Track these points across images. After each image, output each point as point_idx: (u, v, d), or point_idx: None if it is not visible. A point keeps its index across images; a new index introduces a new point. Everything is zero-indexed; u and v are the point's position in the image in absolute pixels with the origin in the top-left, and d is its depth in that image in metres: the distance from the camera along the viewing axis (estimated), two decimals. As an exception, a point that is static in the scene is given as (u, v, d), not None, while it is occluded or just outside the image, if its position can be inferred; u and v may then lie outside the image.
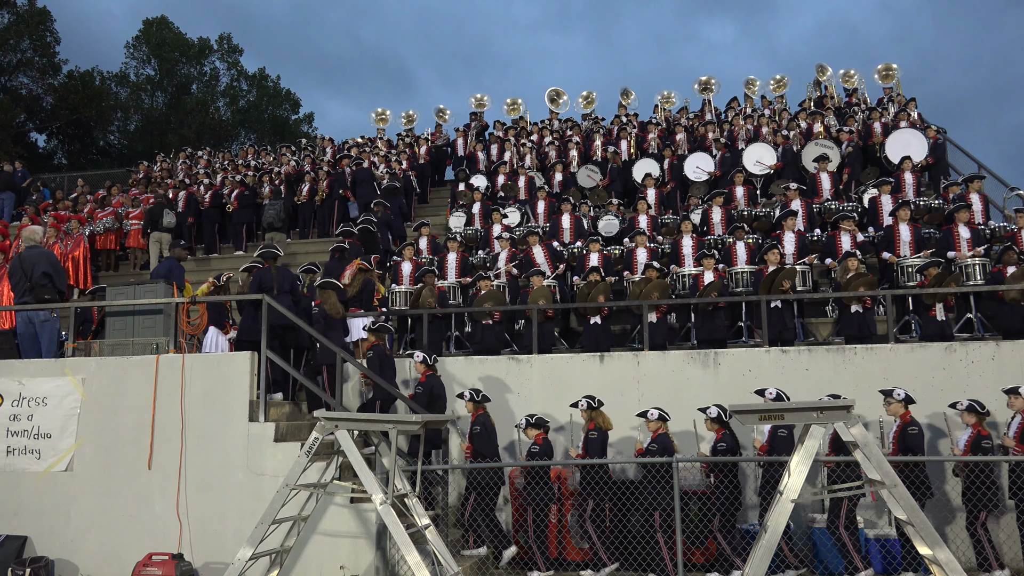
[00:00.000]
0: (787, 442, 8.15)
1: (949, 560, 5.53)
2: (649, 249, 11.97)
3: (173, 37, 36.85)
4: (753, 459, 8.64)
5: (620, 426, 9.07)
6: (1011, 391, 8.10)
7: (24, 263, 9.61)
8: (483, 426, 8.76)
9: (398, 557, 7.50)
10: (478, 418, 8.83)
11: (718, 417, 8.37)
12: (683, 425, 8.88)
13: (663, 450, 8.12)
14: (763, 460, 8.50)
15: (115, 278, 15.76)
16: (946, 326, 9.99)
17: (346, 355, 8.99)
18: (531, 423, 8.65)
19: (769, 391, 8.46)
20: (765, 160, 14.79)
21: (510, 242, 12.71)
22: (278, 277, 9.76)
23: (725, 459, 8.21)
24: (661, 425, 8.36)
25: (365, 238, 13.51)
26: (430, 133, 19.92)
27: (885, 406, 8.27)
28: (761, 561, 5.63)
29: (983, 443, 7.79)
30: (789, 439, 8.17)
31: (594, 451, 8.45)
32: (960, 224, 11.11)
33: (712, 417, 8.38)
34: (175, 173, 20.78)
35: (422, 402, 8.86)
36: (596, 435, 8.50)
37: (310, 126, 39.71)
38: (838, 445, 7.89)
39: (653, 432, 8.36)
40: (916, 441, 7.98)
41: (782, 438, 8.18)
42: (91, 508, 8.61)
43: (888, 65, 18.53)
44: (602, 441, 8.55)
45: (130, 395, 8.73)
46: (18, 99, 32.12)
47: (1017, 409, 8.05)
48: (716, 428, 8.39)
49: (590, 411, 8.64)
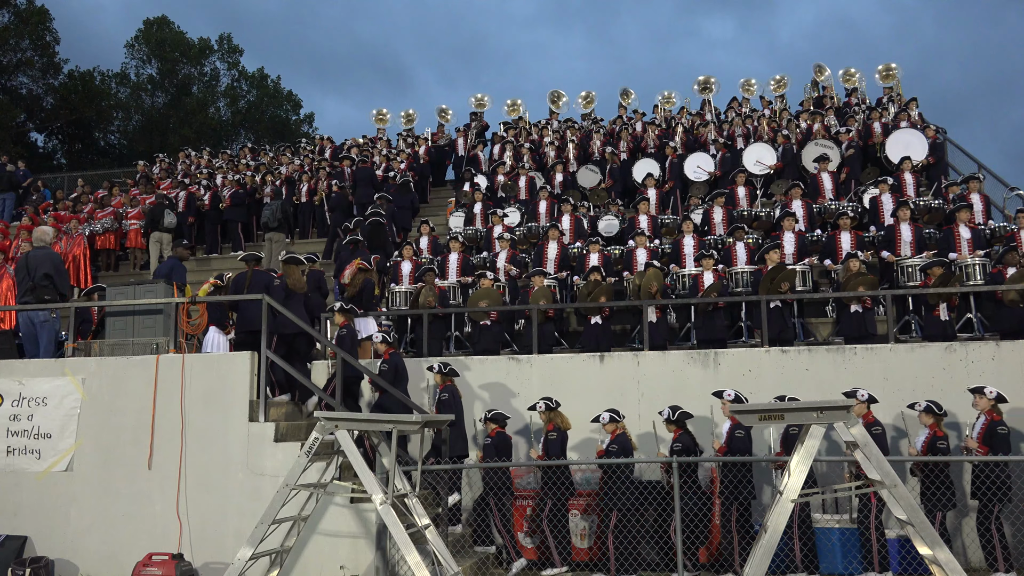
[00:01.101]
0: (744, 443, 8.22)
1: (949, 560, 5.53)
2: (649, 249, 11.98)
3: (173, 37, 36.85)
4: (752, 459, 8.63)
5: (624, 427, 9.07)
6: (976, 391, 8.17)
7: (29, 263, 9.68)
8: (451, 394, 9.08)
9: (398, 557, 7.50)
10: (446, 387, 9.16)
11: (672, 418, 8.48)
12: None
13: (622, 450, 8.25)
14: (766, 460, 8.51)
15: (115, 278, 15.77)
16: (949, 326, 9.99)
17: (306, 327, 8.96)
18: (489, 418, 8.92)
19: (727, 392, 8.51)
20: (765, 160, 14.79)
21: (509, 243, 12.71)
22: (252, 280, 9.66)
23: (726, 459, 8.21)
24: (616, 426, 8.47)
25: (374, 230, 13.64)
26: (431, 133, 19.91)
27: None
28: (761, 561, 5.63)
29: (938, 443, 7.87)
30: (747, 440, 8.25)
31: (554, 452, 8.57)
32: (961, 224, 11.11)
33: (666, 419, 8.50)
34: (175, 173, 20.78)
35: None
36: (556, 436, 8.61)
37: (310, 126, 39.75)
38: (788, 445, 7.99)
39: (611, 433, 8.46)
40: (881, 441, 8.09)
41: (739, 439, 8.25)
42: (91, 508, 8.61)
43: (888, 65, 18.53)
44: (561, 441, 8.66)
45: (130, 395, 8.73)
46: (18, 99, 32.12)
47: (981, 409, 8.11)
48: (673, 429, 8.48)
49: (548, 412, 8.73)
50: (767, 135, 15.76)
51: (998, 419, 7.95)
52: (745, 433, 8.21)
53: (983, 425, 7.99)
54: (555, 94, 20.40)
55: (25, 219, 17.33)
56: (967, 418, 8.51)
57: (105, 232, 16.83)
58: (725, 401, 8.42)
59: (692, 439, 8.40)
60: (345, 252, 12.73)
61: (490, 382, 9.99)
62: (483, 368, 10.10)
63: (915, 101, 16.65)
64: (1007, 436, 7.87)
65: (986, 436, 7.91)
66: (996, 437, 7.84)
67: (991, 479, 7.70)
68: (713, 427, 8.94)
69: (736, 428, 8.25)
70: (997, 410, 8.06)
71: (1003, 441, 7.83)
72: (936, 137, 14.73)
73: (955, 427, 8.84)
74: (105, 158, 34.31)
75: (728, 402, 8.37)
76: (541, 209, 14.43)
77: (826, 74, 19.36)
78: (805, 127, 16.09)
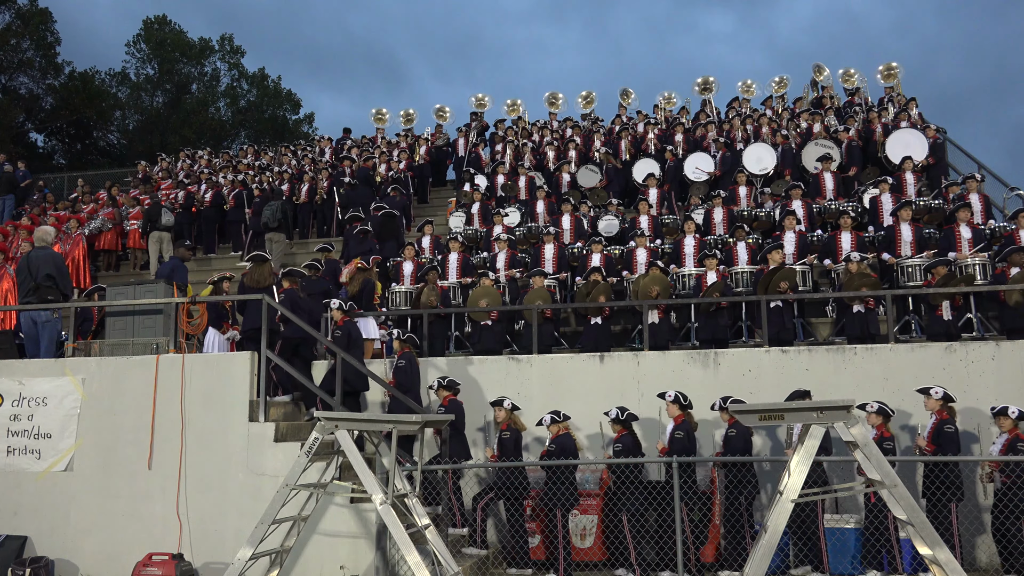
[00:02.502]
0: (683, 443, 8.29)
1: (949, 560, 5.53)
2: (649, 249, 11.98)
3: (174, 37, 36.85)
4: (752, 459, 8.64)
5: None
6: (923, 391, 8.25)
7: (31, 263, 9.67)
8: (408, 361, 9.24)
9: (398, 557, 7.50)
10: (404, 355, 9.31)
11: (619, 418, 8.56)
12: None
13: (562, 450, 8.39)
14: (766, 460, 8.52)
15: (115, 278, 15.77)
16: (952, 325, 9.98)
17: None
18: (443, 384, 9.17)
19: (669, 394, 8.58)
20: (765, 160, 14.77)
21: (508, 243, 12.70)
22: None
23: (727, 459, 8.22)
24: (559, 427, 8.56)
25: (386, 221, 13.86)
26: (430, 133, 19.91)
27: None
28: (761, 561, 5.63)
29: (885, 444, 7.93)
30: (686, 440, 8.32)
31: (507, 451, 8.69)
32: (961, 224, 11.11)
33: (612, 419, 8.57)
34: (175, 173, 20.78)
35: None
36: (508, 435, 8.75)
37: (310, 126, 39.75)
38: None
39: (553, 434, 8.56)
40: (825, 441, 8.08)
41: (679, 440, 8.32)
42: (91, 508, 8.60)
43: (890, 65, 18.52)
44: (515, 441, 8.79)
45: (130, 395, 8.73)
46: (18, 99, 32.11)
47: (931, 410, 8.19)
48: (618, 429, 8.55)
49: (511, 412, 8.88)
50: (768, 136, 15.73)
51: (947, 418, 8.09)
52: (685, 434, 8.35)
53: (932, 425, 8.13)
54: (553, 96, 20.42)
55: (25, 219, 17.33)
56: (967, 419, 8.52)
57: (104, 231, 16.82)
58: (668, 402, 8.56)
59: (635, 439, 8.56)
60: (354, 242, 12.90)
61: (490, 382, 9.98)
62: (483, 368, 10.10)
63: (914, 101, 16.66)
64: (954, 435, 8.02)
65: (935, 436, 8.06)
66: (943, 436, 8.00)
67: (940, 478, 7.79)
68: (660, 428, 9.02)
69: (676, 429, 8.39)
70: (948, 410, 8.18)
71: (951, 440, 7.96)
72: (936, 137, 14.73)
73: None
74: (105, 158, 34.30)
75: (670, 403, 8.54)
76: (539, 209, 14.43)
77: (825, 74, 19.36)
78: (805, 127, 16.09)
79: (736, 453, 8.17)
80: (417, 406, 8.95)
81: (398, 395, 8.87)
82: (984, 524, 8.46)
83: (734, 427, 8.35)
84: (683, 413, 8.48)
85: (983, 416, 8.69)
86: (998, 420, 8.01)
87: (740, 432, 8.31)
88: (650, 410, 9.31)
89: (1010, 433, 7.89)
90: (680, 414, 8.46)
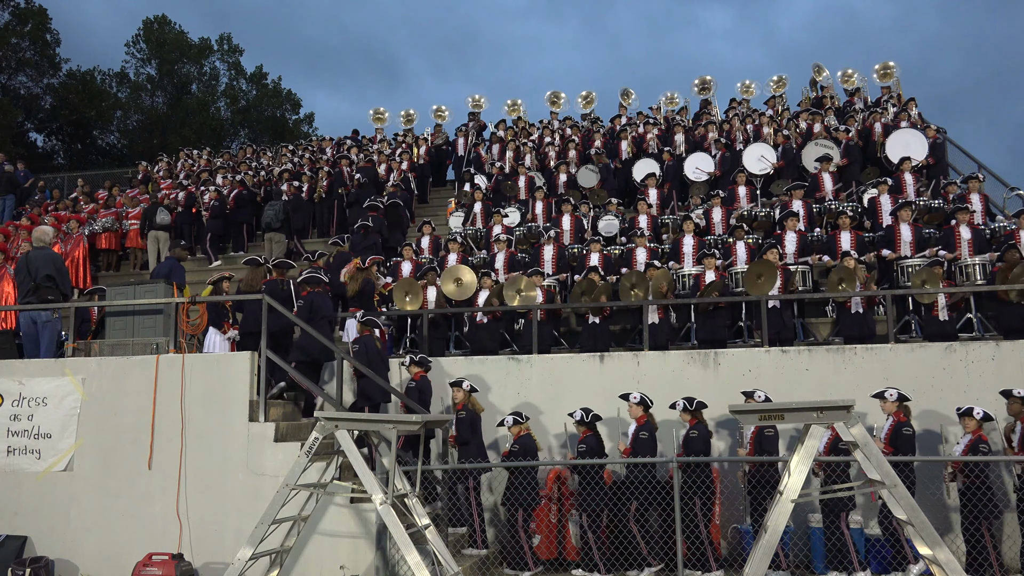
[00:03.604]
0: (648, 444, 8.36)
1: (949, 560, 5.53)
2: (649, 249, 11.98)
3: (173, 36, 36.84)
4: (751, 459, 8.64)
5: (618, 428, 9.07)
6: (878, 395, 8.31)
7: (30, 263, 9.66)
8: (364, 344, 9.28)
9: (398, 557, 7.50)
10: (359, 339, 9.36)
11: (582, 419, 8.65)
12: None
13: (523, 451, 8.60)
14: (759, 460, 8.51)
15: (115, 278, 15.77)
16: (948, 325, 9.99)
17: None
18: (415, 360, 9.34)
19: (634, 395, 8.65)
20: (766, 159, 14.77)
21: (507, 243, 12.70)
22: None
23: (728, 459, 8.23)
24: (520, 428, 8.75)
25: (391, 213, 14.09)
26: (429, 133, 19.91)
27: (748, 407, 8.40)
28: (761, 561, 5.63)
29: (839, 444, 8.01)
30: (650, 441, 8.40)
31: (464, 431, 8.93)
32: (961, 224, 11.11)
33: (577, 420, 8.64)
34: (175, 173, 20.77)
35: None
36: (464, 415, 9.00)
37: (310, 126, 39.73)
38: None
39: (515, 435, 8.76)
40: (771, 442, 8.28)
41: (643, 440, 8.39)
42: (91, 508, 8.61)
43: (887, 64, 18.53)
44: (471, 421, 9.02)
45: (130, 395, 8.73)
46: (18, 99, 32.10)
47: (888, 412, 8.27)
48: (583, 430, 8.65)
49: (469, 393, 9.15)
50: (769, 135, 15.73)
51: (904, 420, 8.17)
52: (649, 435, 8.42)
53: (889, 427, 8.19)
54: (554, 95, 20.42)
55: (25, 219, 17.32)
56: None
57: (105, 232, 16.82)
58: (631, 403, 8.63)
59: (599, 440, 8.67)
60: (357, 237, 13.15)
61: (490, 382, 9.98)
62: (483, 368, 10.10)
63: (914, 101, 16.65)
64: (911, 437, 8.10)
65: (892, 437, 8.13)
66: (901, 438, 8.07)
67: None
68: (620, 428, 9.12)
69: (640, 429, 8.46)
70: (905, 411, 8.24)
71: (907, 442, 8.04)
72: (936, 137, 14.73)
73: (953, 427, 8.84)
74: (105, 158, 34.29)
75: (634, 404, 8.61)
76: (537, 210, 14.43)
77: (825, 74, 19.36)
78: (805, 127, 16.09)
79: (696, 454, 8.25)
80: (384, 383, 9.04)
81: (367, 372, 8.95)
82: (952, 523, 8.47)
83: (695, 428, 8.42)
84: (645, 414, 8.59)
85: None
86: (963, 421, 8.09)
87: (701, 434, 8.39)
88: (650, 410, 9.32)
89: (973, 434, 7.97)
90: (643, 415, 8.58)
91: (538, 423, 9.61)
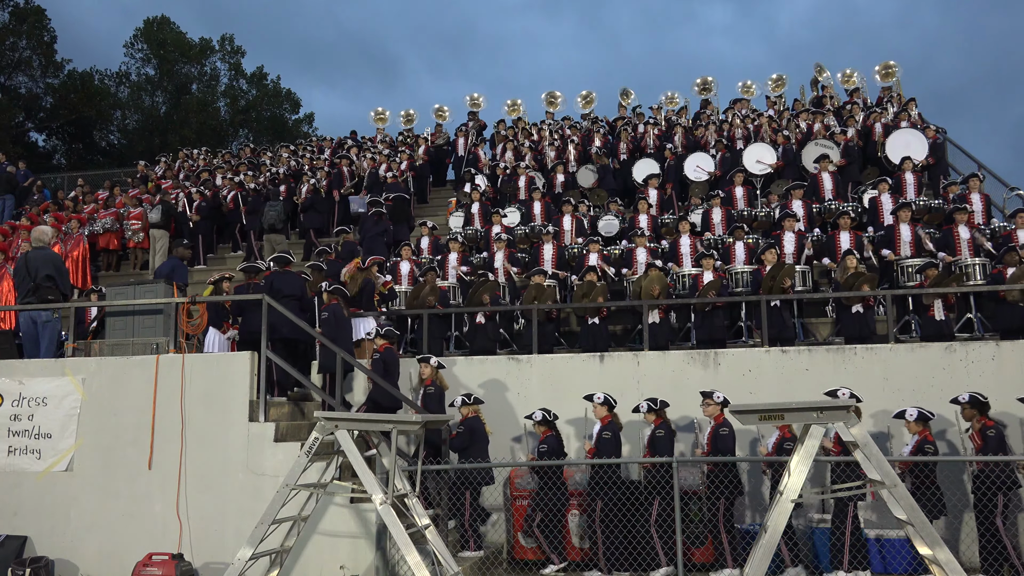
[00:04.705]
0: (611, 444, 8.39)
1: (949, 560, 5.53)
2: (649, 249, 11.98)
3: (173, 36, 36.83)
4: (751, 459, 8.64)
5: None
6: (831, 394, 8.32)
7: (29, 264, 9.65)
8: (332, 314, 9.44)
9: (398, 557, 7.50)
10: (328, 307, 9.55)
11: (544, 420, 8.71)
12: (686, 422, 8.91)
13: (470, 431, 8.74)
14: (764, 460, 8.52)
15: (115, 278, 15.76)
16: (945, 326, 9.99)
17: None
18: (380, 334, 9.44)
19: (598, 395, 8.66)
20: (765, 160, 14.79)
21: (506, 243, 12.70)
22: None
23: (729, 459, 8.22)
24: (469, 409, 8.95)
25: (398, 204, 14.32)
26: (430, 133, 19.91)
27: (704, 407, 8.49)
28: (761, 561, 5.63)
29: (785, 445, 8.15)
30: (613, 441, 8.42)
31: (431, 406, 9.01)
32: (960, 224, 11.11)
33: (537, 420, 8.71)
34: (175, 173, 20.76)
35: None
36: (433, 390, 9.13)
37: (310, 126, 39.72)
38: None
39: (463, 416, 8.94)
40: (727, 442, 8.27)
41: (606, 440, 8.42)
42: (91, 508, 8.61)
43: (887, 64, 18.53)
44: (439, 397, 9.16)
45: (130, 395, 8.73)
46: (17, 99, 32.10)
47: None
48: (542, 430, 8.72)
49: (436, 369, 9.28)
50: (768, 136, 15.73)
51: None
52: (612, 435, 8.46)
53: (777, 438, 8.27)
54: (551, 95, 20.42)
55: (24, 219, 17.31)
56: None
57: (105, 232, 16.81)
58: (596, 403, 8.66)
59: (559, 440, 8.76)
60: (369, 223, 13.45)
61: (490, 382, 9.98)
62: (483, 368, 10.10)
63: (914, 101, 16.65)
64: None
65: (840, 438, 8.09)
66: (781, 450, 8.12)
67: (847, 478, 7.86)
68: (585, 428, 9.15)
69: (604, 429, 8.49)
70: (856, 410, 8.16)
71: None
72: (936, 137, 14.73)
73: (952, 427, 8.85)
74: (105, 158, 34.29)
75: (598, 404, 8.63)
76: (536, 210, 14.43)
77: (826, 75, 19.37)
78: (805, 127, 16.09)
79: (662, 453, 8.24)
80: (349, 356, 9.06)
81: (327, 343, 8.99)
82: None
83: (661, 427, 8.44)
84: (610, 414, 8.61)
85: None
86: (907, 424, 8.17)
87: (666, 433, 8.41)
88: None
89: (920, 435, 8.02)
90: (607, 415, 8.60)
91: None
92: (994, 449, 7.77)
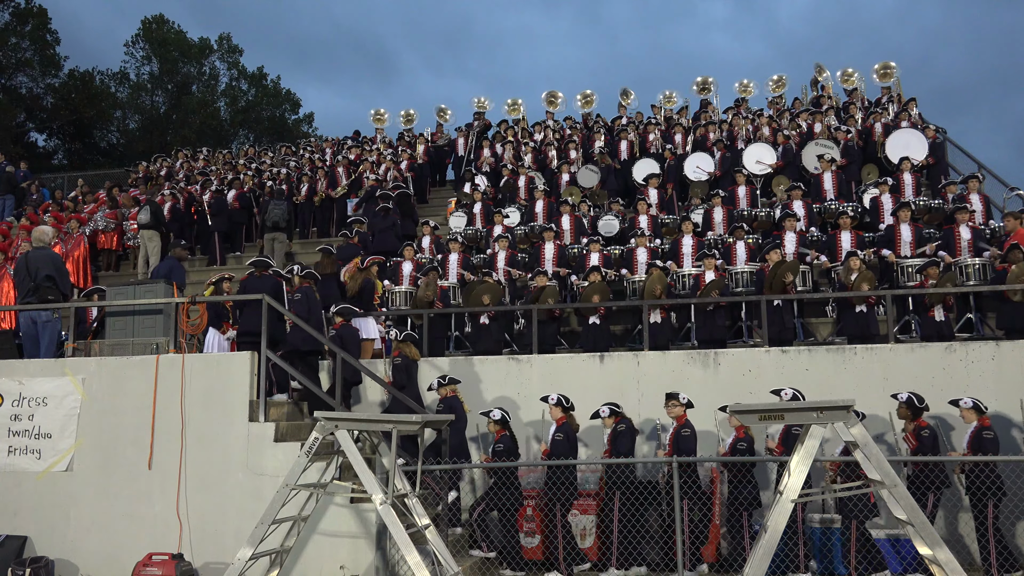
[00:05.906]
0: (564, 445, 8.45)
1: (949, 560, 5.53)
2: (649, 249, 11.98)
3: (173, 36, 36.84)
4: (752, 459, 8.63)
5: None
6: (775, 392, 8.39)
7: (30, 264, 9.65)
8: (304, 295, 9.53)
9: (398, 557, 7.50)
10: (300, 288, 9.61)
11: (500, 420, 8.79)
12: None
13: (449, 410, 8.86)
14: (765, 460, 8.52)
15: (115, 278, 15.76)
16: (944, 326, 9.98)
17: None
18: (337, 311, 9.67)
19: (551, 397, 8.76)
20: (765, 160, 14.79)
21: (507, 242, 12.70)
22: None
23: (731, 459, 8.22)
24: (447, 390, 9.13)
25: (402, 199, 14.51)
26: (431, 133, 19.90)
27: (668, 408, 8.53)
28: (761, 561, 5.63)
29: (739, 445, 8.21)
30: (566, 443, 8.47)
31: (400, 378, 9.24)
32: (961, 224, 11.11)
33: (495, 420, 8.78)
34: (174, 173, 20.75)
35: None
36: (400, 360, 9.40)
37: (310, 126, 39.73)
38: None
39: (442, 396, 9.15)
40: (688, 443, 8.32)
41: (559, 441, 8.48)
42: (91, 508, 8.60)
43: (887, 64, 18.53)
44: (407, 368, 9.42)
45: (130, 395, 8.72)
46: (18, 99, 32.10)
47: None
48: (497, 430, 8.80)
49: (401, 342, 9.60)
50: (768, 136, 15.73)
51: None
52: (565, 436, 8.52)
53: (783, 428, 8.36)
54: (551, 95, 20.42)
55: (24, 219, 17.31)
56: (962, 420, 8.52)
57: (105, 231, 16.80)
58: (550, 404, 8.73)
59: (514, 440, 8.83)
60: (377, 219, 13.59)
61: (490, 382, 9.98)
62: (483, 368, 10.10)
63: (914, 101, 16.65)
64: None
65: (785, 438, 8.31)
66: (791, 438, 8.15)
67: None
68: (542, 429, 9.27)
69: (558, 431, 8.55)
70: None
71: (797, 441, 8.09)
72: (936, 137, 14.73)
73: (950, 428, 8.85)
74: (105, 158, 34.29)
75: (552, 406, 8.70)
76: (537, 209, 14.43)
77: (826, 75, 19.37)
78: (805, 127, 16.09)
79: (622, 453, 8.31)
80: (320, 336, 9.11)
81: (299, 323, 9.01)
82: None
83: (622, 422, 8.50)
84: (565, 415, 8.64)
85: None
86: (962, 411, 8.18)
87: (628, 428, 8.47)
88: (650, 410, 9.33)
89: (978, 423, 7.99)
90: (562, 416, 8.64)
91: (539, 423, 9.60)
92: (929, 450, 7.88)
